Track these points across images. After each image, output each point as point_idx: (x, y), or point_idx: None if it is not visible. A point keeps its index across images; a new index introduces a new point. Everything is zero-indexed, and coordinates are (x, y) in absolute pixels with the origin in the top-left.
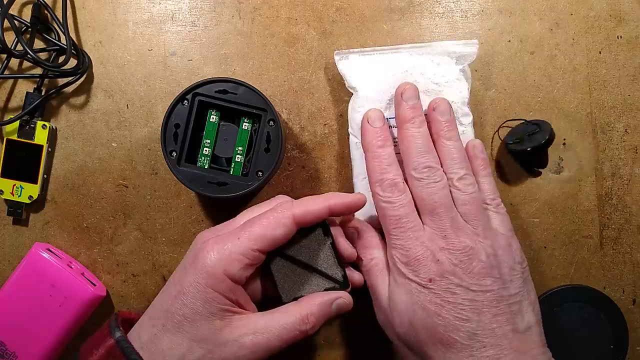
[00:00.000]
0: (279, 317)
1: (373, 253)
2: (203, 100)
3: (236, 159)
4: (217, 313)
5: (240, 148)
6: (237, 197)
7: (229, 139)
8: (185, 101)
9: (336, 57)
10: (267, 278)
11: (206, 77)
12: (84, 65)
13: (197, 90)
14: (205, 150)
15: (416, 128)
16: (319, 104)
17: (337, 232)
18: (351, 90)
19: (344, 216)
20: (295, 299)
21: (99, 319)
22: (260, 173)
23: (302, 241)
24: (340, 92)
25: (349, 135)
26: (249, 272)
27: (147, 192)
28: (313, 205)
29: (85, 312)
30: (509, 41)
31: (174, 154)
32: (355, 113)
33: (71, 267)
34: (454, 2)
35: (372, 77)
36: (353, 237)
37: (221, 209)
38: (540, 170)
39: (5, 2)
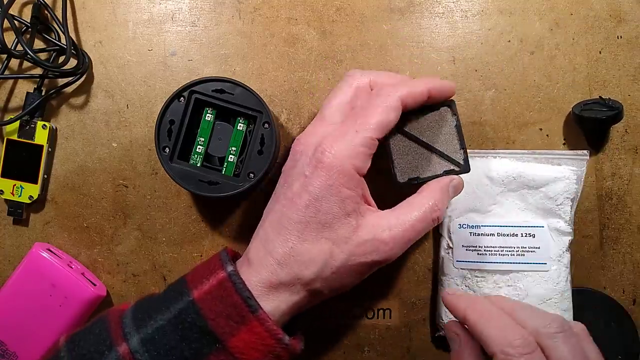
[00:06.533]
0: (408, 210)
1: None
2: (199, 98)
3: (229, 159)
4: (352, 212)
5: (233, 148)
6: (227, 197)
7: (223, 139)
8: (182, 98)
9: None
10: (385, 155)
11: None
12: (84, 66)
13: (194, 88)
14: (199, 148)
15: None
16: (319, 104)
17: None
18: None
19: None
20: (411, 179)
21: None
22: (251, 175)
23: (425, 119)
24: None
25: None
26: (369, 163)
27: (147, 192)
28: (416, 87)
29: (86, 312)
30: (509, 41)
31: (167, 149)
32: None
33: (71, 267)
34: (454, 2)
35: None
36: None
37: (220, 208)
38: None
39: (5, 2)
